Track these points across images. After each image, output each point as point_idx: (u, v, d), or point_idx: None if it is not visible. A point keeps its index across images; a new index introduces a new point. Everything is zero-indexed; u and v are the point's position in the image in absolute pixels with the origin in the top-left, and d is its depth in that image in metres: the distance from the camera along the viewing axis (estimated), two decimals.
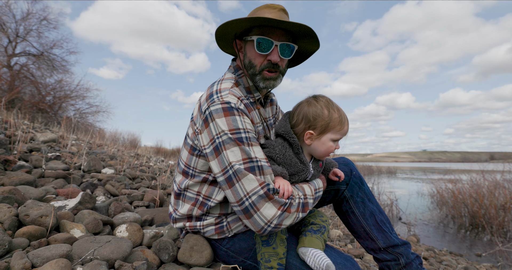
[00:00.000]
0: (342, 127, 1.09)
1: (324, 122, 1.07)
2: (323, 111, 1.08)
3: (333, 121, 1.07)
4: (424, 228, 5.92)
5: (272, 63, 1.13)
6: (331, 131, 1.08)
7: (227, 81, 1.17)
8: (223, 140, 1.01)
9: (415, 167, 48.76)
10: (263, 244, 1.07)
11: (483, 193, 6.28)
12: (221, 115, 1.03)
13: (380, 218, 1.32)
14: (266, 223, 0.96)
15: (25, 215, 1.19)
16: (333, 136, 1.09)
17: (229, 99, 1.06)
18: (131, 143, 12.58)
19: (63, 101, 13.78)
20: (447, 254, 3.84)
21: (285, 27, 1.10)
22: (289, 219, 0.99)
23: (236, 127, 1.01)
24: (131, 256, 1.15)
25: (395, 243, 1.29)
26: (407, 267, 1.28)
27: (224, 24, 1.11)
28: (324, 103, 1.09)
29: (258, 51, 1.12)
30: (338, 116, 1.08)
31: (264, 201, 0.95)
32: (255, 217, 0.96)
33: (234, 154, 0.99)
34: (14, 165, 2.10)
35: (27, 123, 4.92)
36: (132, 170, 3.16)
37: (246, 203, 0.97)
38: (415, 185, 13.79)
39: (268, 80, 1.16)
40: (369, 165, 22.27)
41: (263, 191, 0.95)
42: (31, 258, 0.95)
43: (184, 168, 1.22)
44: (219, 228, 1.17)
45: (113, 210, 1.66)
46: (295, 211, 1.00)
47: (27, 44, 12.90)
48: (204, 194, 1.17)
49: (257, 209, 0.96)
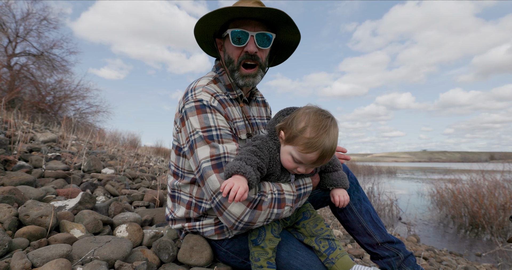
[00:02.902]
0: (306, 150, 0.92)
1: (293, 132, 0.95)
2: (302, 123, 0.95)
3: (301, 138, 0.92)
4: (424, 228, 5.91)
5: (250, 54, 1.10)
6: (293, 146, 0.96)
7: (204, 78, 1.18)
8: (195, 139, 1.03)
9: (415, 167, 48.75)
10: (252, 243, 1.07)
11: (483, 193, 6.29)
12: (194, 113, 1.04)
13: (375, 216, 1.37)
14: (236, 220, 0.96)
15: (25, 215, 1.19)
16: (294, 153, 0.96)
17: (201, 97, 1.06)
18: (131, 143, 12.58)
19: (63, 101, 13.79)
20: (447, 254, 3.84)
21: (257, 15, 1.07)
22: (263, 215, 0.97)
23: (208, 125, 1.02)
24: (131, 256, 1.15)
25: (391, 239, 1.34)
26: (405, 261, 1.30)
27: (199, 21, 1.10)
28: (315, 119, 0.94)
29: (234, 44, 1.09)
30: (312, 138, 0.91)
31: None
32: (225, 214, 0.97)
33: (203, 152, 1.00)
34: (14, 165, 2.10)
35: (27, 123, 4.92)
36: (132, 170, 3.16)
37: (215, 202, 0.98)
38: (415, 185, 13.78)
39: (247, 77, 1.14)
40: (369, 165, 22.27)
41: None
42: (31, 258, 0.95)
43: (174, 169, 1.24)
44: (218, 228, 1.17)
45: (113, 210, 1.66)
46: (268, 207, 0.97)
47: (27, 44, 12.92)
48: (195, 196, 1.17)
49: (224, 208, 0.96)
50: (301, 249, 1.12)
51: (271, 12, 1.04)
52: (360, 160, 55.57)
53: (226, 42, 1.15)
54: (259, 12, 1.04)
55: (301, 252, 1.11)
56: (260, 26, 1.11)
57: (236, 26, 1.10)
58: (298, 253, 1.11)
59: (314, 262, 1.08)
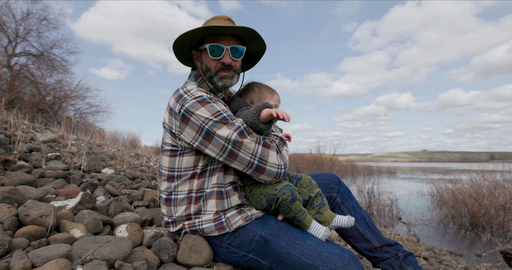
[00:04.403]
0: (271, 94, 1.39)
1: (257, 98, 1.38)
2: (257, 90, 1.41)
3: (264, 93, 1.39)
4: (424, 228, 5.92)
5: (226, 65, 1.27)
6: (265, 100, 1.36)
7: (191, 84, 1.27)
8: (211, 125, 1.13)
9: (415, 167, 48.76)
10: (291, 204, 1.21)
11: (483, 193, 6.28)
12: (198, 107, 1.13)
13: (370, 222, 1.45)
14: (278, 167, 1.16)
15: (25, 215, 1.19)
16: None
17: (200, 93, 1.18)
18: (131, 143, 12.59)
19: (63, 101, 13.78)
20: (447, 254, 3.84)
21: (231, 32, 1.26)
22: (286, 154, 1.23)
23: (217, 110, 1.14)
24: (131, 256, 1.15)
25: (389, 242, 1.40)
26: (406, 261, 1.34)
27: (179, 37, 1.24)
28: (258, 85, 1.43)
29: (212, 56, 1.25)
30: (266, 88, 1.40)
31: (267, 153, 1.15)
32: (268, 168, 1.16)
33: (225, 131, 1.12)
34: (14, 165, 2.10)
35: (27, 123, 4.92)
36: (132, 170, 3.16)
37: (255, 163, 1.14)
38: (415, 185, 13.78)
39: (225, 79, 1.29)
40: (369, 165, 22.28)
41: (261, 145, 1.15)
42: (31, 258, 0.95)
43: (168, 173, 1.27)
44: (218, 224, 1.19)
45: (113, 210, 1.66)
46: (283, 147, 1.24)
47: (27, 44, 12.90)
48: (195, 189, 1.22)
49: (266, 161, 1.15)
50: (299, 239, 1.16)
51: (241, 29, 1.24)
52: (360, 160, 55.62)
53: (204, 54, 1.30)
54: (232, 30, 1.24)
55: (299, 241, 1.14)
56: (233, 41, 1.28)
57: (212, 41, 1.26)
58: (297, 242, 1.14)
59: (312, 251, 1.12)
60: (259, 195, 1.24)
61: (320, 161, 11.57)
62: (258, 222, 1.21)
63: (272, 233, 1.16)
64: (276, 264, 1.14)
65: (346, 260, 1.09)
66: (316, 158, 12.02)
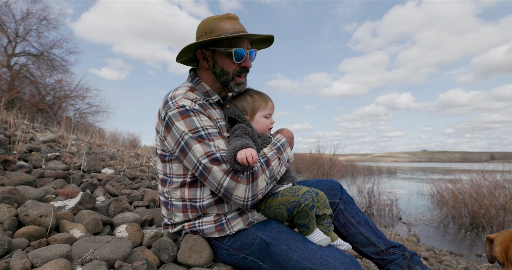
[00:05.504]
0: (265, 103, 1.31)
1: (251, 106, 1.30)
2: (249, 98, 1.31)
3: (257, 101, 1.31)
4: (424, 228, 5.92)
5: (245, 68, 1.29)
6: (259, 111, 1.30)
7: (182, 88, 1.27)
8: (186, 140, 1.12)
9: (415, 167, 48.76)
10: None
11: (483, 193, 6.29)
12: (179, 119, 1.13)
13: (373, 225, 1.45)
14: (243, 200, 1.11)
15: (24, 215, 1.19)
16: (262, 112, 1.31)
17: (183, 103, 1.16)
18: (131, 143, 12.58)
19: (63, 101, 13.78)
20: (447, 254, 3.84)
21: (257, 38, 1.31)
22: (262, 182, 1.13)
23: (195, 127, 1.13)
24: (131, 256, 1.15)
25: (394, 244, 1.40)
26: (413, 260, 1.35)
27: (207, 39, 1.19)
28: (251, 92, 1.34)
29: (236, 61, 1.25)
30: (260, 96, 1.32)
31: (233, 185, 1.09)
32: (233, 199, 1.11)
33: (198, 151, 1.11)
34: (14, 165, 2.10)
35: (27, 123, 4.91)
36: (132, 170, 3.16)
37: (222, 191, 1.11)
38: (415, 185, 13.79)
39: (241, 85, 1.31)
40: (369, 165, 22.27)
41: (229, 177, 1.09)
42: (30, 258, 0.95)
43: (162, 176, 1.28)
44: (219, 225, 1.19)
45: (113, 210, 1.66)
46: (262, 173, 1.13)
47: (27, 44, 12.89)
48: (188, 198, 1.21)
49: (231, 194, 1.10)
50: (300, 242, 1.14)
51: (267, 36, 1.31)
52: (360, 160, 55.59)
53: (219, 56, 1.27)
54: (259, 36, 1.27)
55: (300, 245, 1.13)
56: (250, 44, 1.31)
57: (232, 44, 1.24)
58: (297, 246, 1.13)
59: (313, 255, 1.11)
60: (278, 205, 1.18)
61: (320, 161, 11.56)
62: (259, 225, 1.20)
63: (273, 236, 1.15)
64: (276, 267, 1.13)
65: (347, 265, 1.08)
66: (316, 158, 12.01)
